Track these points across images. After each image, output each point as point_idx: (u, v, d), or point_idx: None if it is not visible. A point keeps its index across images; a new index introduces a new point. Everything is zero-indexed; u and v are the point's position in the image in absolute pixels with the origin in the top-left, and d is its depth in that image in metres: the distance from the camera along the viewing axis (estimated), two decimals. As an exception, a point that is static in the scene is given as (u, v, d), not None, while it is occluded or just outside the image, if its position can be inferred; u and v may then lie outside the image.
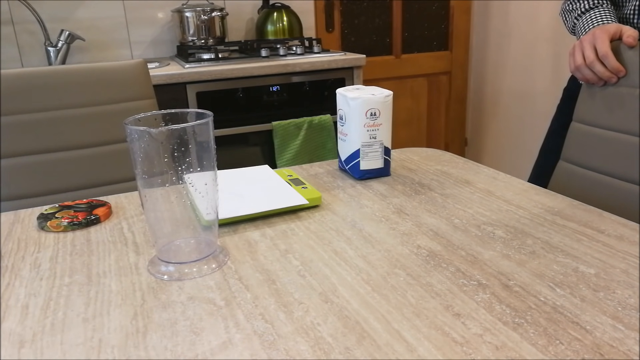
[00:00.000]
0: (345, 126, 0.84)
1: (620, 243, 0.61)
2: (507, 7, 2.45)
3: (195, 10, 1.97)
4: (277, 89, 1.84)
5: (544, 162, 1.27)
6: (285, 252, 0.62)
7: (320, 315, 0.49)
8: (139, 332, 0.47)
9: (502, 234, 0.64)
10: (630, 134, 0.92)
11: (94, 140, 1.11)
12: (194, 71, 1.70)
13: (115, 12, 2.05)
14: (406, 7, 2.53)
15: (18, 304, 0.53)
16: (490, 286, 0.53)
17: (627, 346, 0.43)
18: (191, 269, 0.57)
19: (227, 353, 0.44)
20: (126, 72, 1.13)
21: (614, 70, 0.93)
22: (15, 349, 0.46)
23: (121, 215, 0.75)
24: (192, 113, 0.58)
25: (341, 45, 2.46)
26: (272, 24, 2.12)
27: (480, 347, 0.44)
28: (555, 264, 0.57)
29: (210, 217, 0.58)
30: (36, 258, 0.63)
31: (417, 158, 0.96)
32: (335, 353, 0.44)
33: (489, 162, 2.75)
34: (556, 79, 2.25)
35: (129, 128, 0.53)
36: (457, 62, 2.71)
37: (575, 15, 1.12)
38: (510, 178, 0.84)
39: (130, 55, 2.12)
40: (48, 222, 0.70)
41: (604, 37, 0.94)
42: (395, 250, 0.61)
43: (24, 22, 1.95)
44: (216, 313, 0.50)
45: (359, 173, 0.85)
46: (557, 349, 0.43)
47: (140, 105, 1.15)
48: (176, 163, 0.53)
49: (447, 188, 0.80)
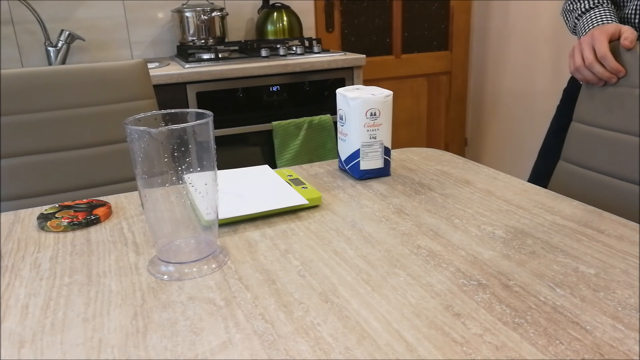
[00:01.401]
0: (345, 126, 0.84)
1: (620, 243, 0.61)
2: (507, 7, 2.45)
3: (195, 10, 1.97)
4: (277, 89, 1.84)
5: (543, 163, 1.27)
6: (285, 252, 0.62)
7: (320, 315, 0.49)
8: (139, 332, 0.47)
9: (502, 234, 0.64)
10: (630, 134, 0.92)
11: (94, 140, 1.11)
12: (194, 71, 1.70)
13: (115, 12, 2.05)
14: (406, 7, 2.53)
15: (18, 304, 0.53)
16: (490, 286, 0.53)
17: (627, 346, 0.43)
18: (191, 269, 0.57)
19: (227, 353, 0.44)
20: (126, 72, 1.13)
21: (613, 70, 0.93)
22: (15, 349, 0.46)
23: (121, 215, 0.75)
24: (192, 113, 0.58)
25: (341, 45, 2.46)
26: (272, 24, 2.12)
27: (480, 347, 0.44)
28: (555, 264, 0.57)
29: (210, 217, 0.58)
30: (36, 258, 0.63)
31: (417, 158, 0.96)
32: (335, 353, 0.44)
33: (489, 162, 2.75)
34: (556, 80, 2.25)
35: (129, 128, 0.53)
36: (457, 62, 2.71)
37: (575, 15, 1.12)
38: (510, 178, 0.84)
39: (130, 55, 2.12)
40: (48, 222, 0.70)
41: (602, 38, 0.94)
42: (395, 250, 0.61)
43: (24, 22, 1.95)
44: (216, 313, 0.50)
45: (359, 173, 0.85)
46: (557, 349, 0.43)
47: (140, 105, 1.15)
48: (176, 163, 0.53)
49: (447, 188, 0.80)
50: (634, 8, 1.06)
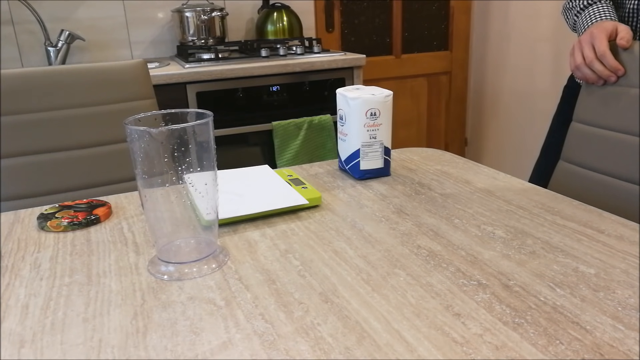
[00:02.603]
0: (345, 126, 0.84)
1: (620, 243, 0.61)
2: (507, 7, 2.45)
3: (195, 10, 1.97)
4: (277, 89, 1.84)
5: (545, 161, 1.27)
6: (285, 252, 0.62)
7: (320, 315, 0.49)
8: (139, 332, 0.47)
9: (502, 234, 0.64)
10: (630, 133, 0.92)
11: (94, 140, 1.11)
12: (194, 71, 1.70)
13: (115, 12, 2.05)
14: (406, 7, 2.53)
15: (18, 304, 0.53)
16: (490, 286, 0.53)
17: (627, 346, 0.43)
18: (191, 269, 0.57)
19: (227, 353, 0.44)
20: (126, 72, 1.13)
21: (612, 69, 0.93)
22: (15, 349, 0.46)
23: (121, 215, 0.75)
24: (192, 113, 0.58)
25: (341, 45, 2.46)
26: (272, 24, 2.12)
27: (480, 347, 0.44)
28: (555, 264, 0.57)
29: (210, 217, 0.58)
30: (36, 258, 0.63)
31: (417, 158, 0.96)
32: (335, 353, 0.44)
33: (489, 162, 2.75)
34: (556, 79, 2.25)
35: (129, 128, 0.53)
36: (457, 62, 2.71)
37: (575, 12, 1.12)
38: (510, 178, 0.84)
39: (130, 55, 2.12)
40: (48, 222, 0.70)
41: (601, 36, 0.95)
42: (395, 250, 0.61)
43: (24, 22, 1.95)
44: (216, 313, 0.50)
45: (359, 173, 0.85)
46: (557, 349, 0.43)
47: (140, 105, 1.15)
48: (176, 163, 0.53)
49: (447, 188, 0.80)
50: (631, 8, 1.06)
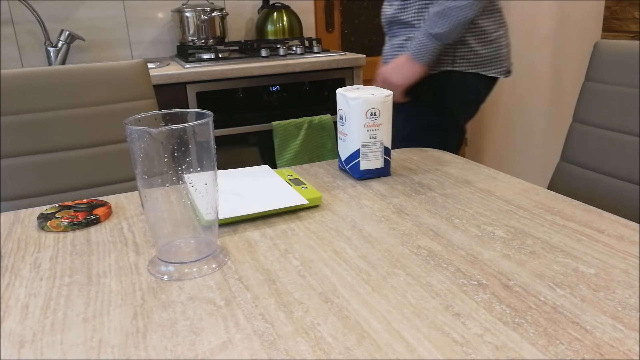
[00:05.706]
0: (345, 126, 0.84)
1: (620, 243, 0.61)
2: (507, 7, 2.45)
3: (195, 10, 1.97)
4: (277, 89, 1.84)
5: None
6: (285, 252, 0.62)
7: (320, 315, 0.49)
8: (139, 332, 0.47)
9: (502, 234, 0.64)
10: (630, 134, 0.92)
11: (94, 140, 1.11)
12: (194, 71, 1.70)
13: (115, 12, 2.05)
14: (406, 7, 2.52)
15: (18, 304, 0.53)
16: (490, 286, 0.53)
17: (627, 346, 0.43)
18: (191, 269, 0.57)
19: (227, 353, 0.44)
20: (126, 72, 1.13)
21: None
22: (15, 349, 0.46)
23: (121, 215, 0.75)
24: (192, 113, 0.58)
25: (341, 45, 2.46)
26: (272, 24, 2.12)
27: (480, 347, 0.44)
28: (555, 264, 0.57)
29: (210, 217, 0.58)
30: (36, 258, 0.63)
31: (417, 158, 0.96)
32: (335, 353, 0.44)
33: (489, 162, 2.75)
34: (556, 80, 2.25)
35: (129, 128, 0.53)
36: (457, 62, 2.70)
37: None
38: (510, 178, 0.84)
39: (130, 55, 2.12)
40: (48, 222, 0.70)
41: None
42: (395, 250, 0.61)
43: (24, 22, 1.95)
44: (216, 313, 0.50)
45: (359, 173, 0.85)
46: (557, 349, 0.43)
47: (140, 105, 1.15)
48: (176, 163, 0.53)
49: (447, 188, 0.80)
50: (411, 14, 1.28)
